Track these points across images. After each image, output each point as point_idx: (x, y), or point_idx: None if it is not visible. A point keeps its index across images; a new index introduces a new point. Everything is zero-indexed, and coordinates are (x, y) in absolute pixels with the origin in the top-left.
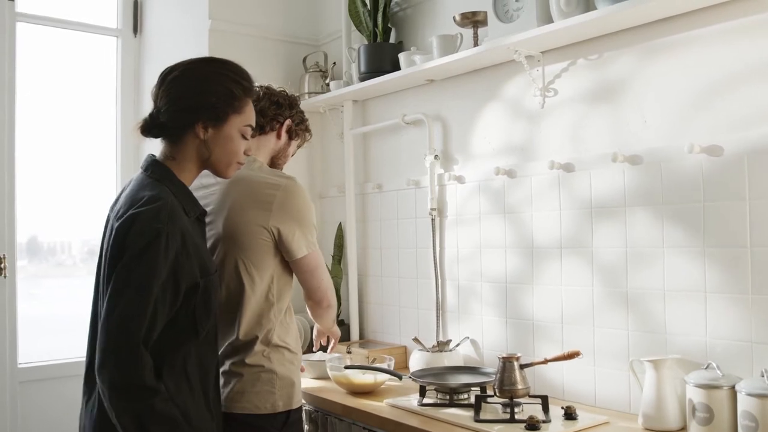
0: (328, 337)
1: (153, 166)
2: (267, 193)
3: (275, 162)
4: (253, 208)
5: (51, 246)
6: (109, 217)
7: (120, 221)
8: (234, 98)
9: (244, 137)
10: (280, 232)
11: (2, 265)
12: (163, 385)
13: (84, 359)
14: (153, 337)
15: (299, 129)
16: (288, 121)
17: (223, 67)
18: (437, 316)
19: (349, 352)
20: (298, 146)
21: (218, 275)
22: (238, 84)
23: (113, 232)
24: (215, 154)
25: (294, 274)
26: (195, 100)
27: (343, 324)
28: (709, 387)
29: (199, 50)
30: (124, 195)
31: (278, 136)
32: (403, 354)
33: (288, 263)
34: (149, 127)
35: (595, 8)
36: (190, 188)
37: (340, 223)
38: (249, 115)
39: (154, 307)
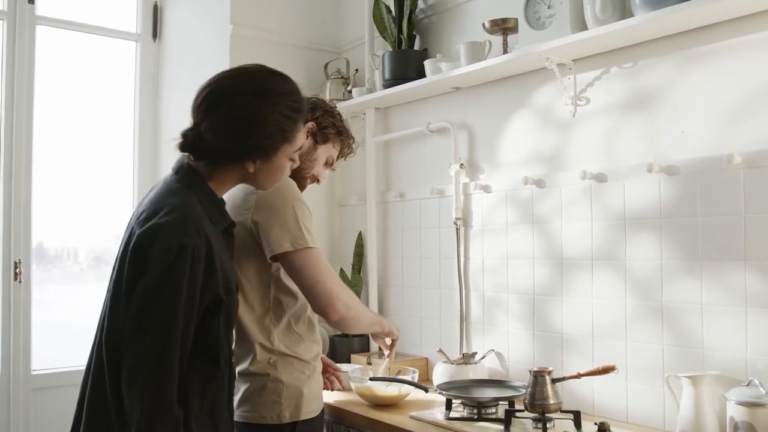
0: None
1: (184, 171)
2: (251, 192)
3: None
4: (240, 211)
5: (58, 252)
6: (132, 216)
7: (142, 230)
8: (286, 132)
9: (291, 160)
10: (258, 225)
11: (18, 270)
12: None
13: None
14: (185, 356)
15: (327, 132)
16: (310, 124)
17: (276, 96)
18: (461, 328)
19: (369, 363)
20: (341, 154)
21: (237, 295)
22: (290, 118)
23: (134, 240)
24: (260, 181)
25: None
26: (247, 144)
27: (362, 334)
28: (752, 405)
29: (220, 56)
30: (149, 198)
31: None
32: (425, 366)
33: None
34: (189, 148)
35: (631, 15)
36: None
37: (360, 232)
38: (299, 140)
39: (184, 331)
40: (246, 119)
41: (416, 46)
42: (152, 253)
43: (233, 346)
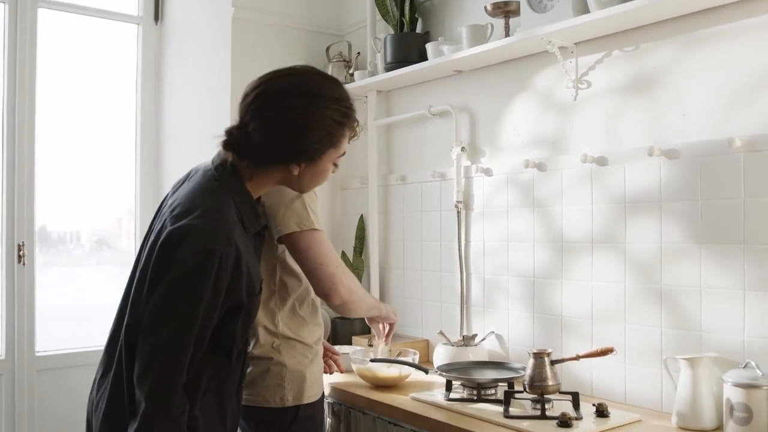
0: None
1: (225, 170)
2: None
3: None
4: None
5: (61, 235)
6: (166, 199)
7: (174, 227)
8: (334, 137)
9: (334, 165)
10: (264, 207)
11: (21, 253)
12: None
13: (99, 348)
14: (198, 355)
15: None
16: None
17: (327, 100)
18: (461, 310)
19: (370, 345)
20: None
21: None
22: (339, 123)
23: (164, 235)
24: (301, 184)
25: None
26: (295, 147)
27: None
28: (748, 386)
29: (222, 39)
30: (185, 190)
31: None
32: (426, 348)
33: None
34: (233, 147)
35: None
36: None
37: (362, 215)
38: (344, 144)
39: (200, 333)
40: (297, 122)
41: (418, 29)
42: (179, 253)
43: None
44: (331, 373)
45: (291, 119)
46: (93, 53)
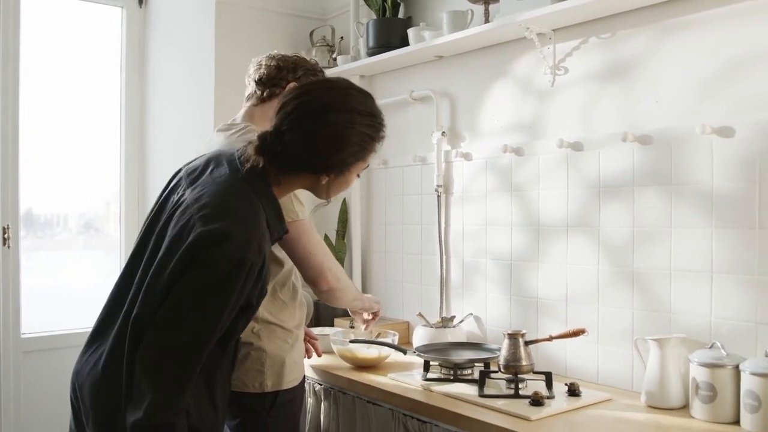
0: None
1: (255, 172)
2: None
3: None
4: None
5: (48, 218)
6: (179, 181)
7: (207, 229)
8: (366, 152)
9: (357, 175)
10: None
11: (6, 236)
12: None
13: (85, 330)
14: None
15: None
16: (291, 85)
17: (363, 117)
18: (441, 293)
19: (351, 327)
20: None
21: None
22: (372, 138)
23: (194, 235)
24: (327, 192)
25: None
26: (329, 160)
27: None
28: (713, 366)
29: (206, 23)
30: (210, 183)
31: None
32: (406, 329)
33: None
34: (266, 152)
35: None
36: None
37: (345, 199)
38: (370, 158)
39: (213, 337)
40: (334, 137)
41: (401, 15)
42: (211, 257)
43: None
44: (309, 357)
45: (328, 134)
46: (77, 37)
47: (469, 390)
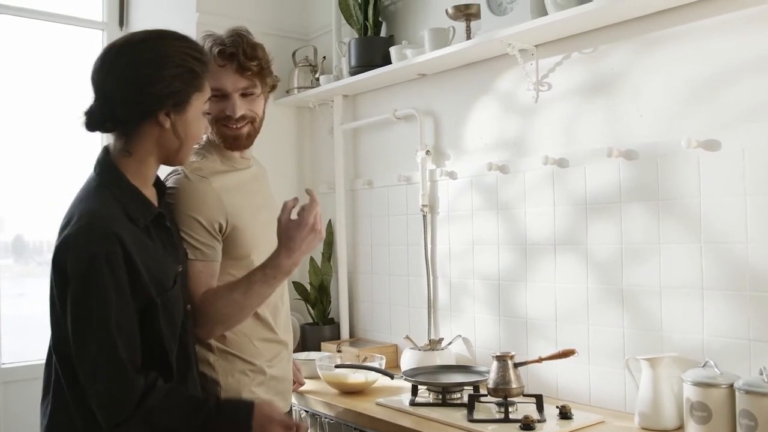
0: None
1: (102, 166)
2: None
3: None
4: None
5: (37, 245)
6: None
7: (58, 242)
8: (196, 77)
9: (207, 113)
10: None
11: None
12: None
13: None
14: (138, 355)
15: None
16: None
17: (181, 42)
18: (429, 314)
19: (339, 351)
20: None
21: (179, 287)
22: (195, 58)
23: (53, 252)
24: (181, 140)
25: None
26: (156, 87)
27: (333, 322)
28: (707, 385)
29: None
30: (74, 198)
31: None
32: (394, 353)
33: (231, 260)
34: (97, 122)
35: (590, 0)
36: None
37: (330, 220)
38: (207, 89)
39: (119, 331)
40: (149, 60)
41: (383, 33)
42: (69, 267)
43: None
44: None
45: (142, 60)
46: (57, 59)
47: (458, 414)
